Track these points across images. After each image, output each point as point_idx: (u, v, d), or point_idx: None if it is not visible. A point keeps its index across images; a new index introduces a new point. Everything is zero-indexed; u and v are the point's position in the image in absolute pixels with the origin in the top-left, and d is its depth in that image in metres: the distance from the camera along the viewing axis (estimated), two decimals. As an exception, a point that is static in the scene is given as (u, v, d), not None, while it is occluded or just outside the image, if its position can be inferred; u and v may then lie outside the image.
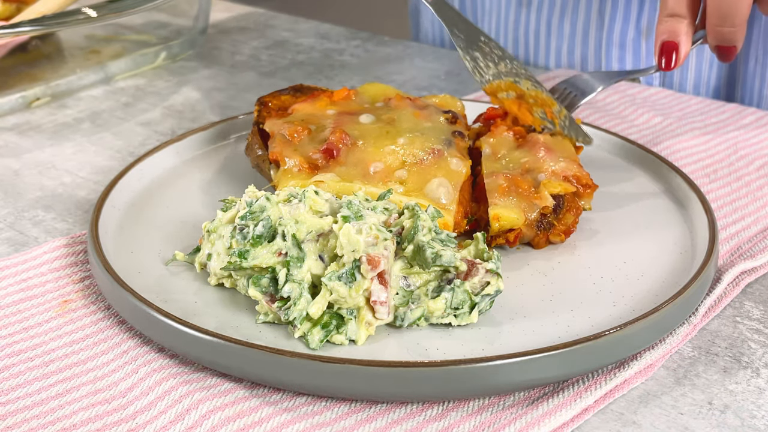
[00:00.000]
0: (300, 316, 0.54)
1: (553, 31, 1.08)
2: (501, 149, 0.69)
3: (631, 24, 1.01)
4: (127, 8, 0.91)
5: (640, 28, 1.01)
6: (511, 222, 0.63)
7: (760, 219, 0.70)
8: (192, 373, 0.54)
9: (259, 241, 0.56)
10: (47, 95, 0.96)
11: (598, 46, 1.05)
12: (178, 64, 1.08)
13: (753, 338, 0.58)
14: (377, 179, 0.64)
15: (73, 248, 0.66)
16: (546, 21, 1.08)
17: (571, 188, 0.65)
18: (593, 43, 1.05)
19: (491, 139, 0.69)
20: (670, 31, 0.72)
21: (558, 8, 1.06)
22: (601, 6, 1.03)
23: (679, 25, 0.72)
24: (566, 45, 1.07)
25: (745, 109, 0.91)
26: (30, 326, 0.58)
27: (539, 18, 1.08)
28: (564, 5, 1.06)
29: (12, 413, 0.50)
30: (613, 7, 1.02)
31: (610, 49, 1.04)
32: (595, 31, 1.05)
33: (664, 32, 0.72)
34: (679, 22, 0.72)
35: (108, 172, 0.80)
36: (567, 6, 1.05)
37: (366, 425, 0.50)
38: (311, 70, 1.07)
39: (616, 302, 0.59)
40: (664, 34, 0.72)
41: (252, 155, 0.71)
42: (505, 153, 0.68)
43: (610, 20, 1.03)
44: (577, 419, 0.51)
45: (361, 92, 0.74)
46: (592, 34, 1.05)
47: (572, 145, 0.70)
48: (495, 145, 0.69)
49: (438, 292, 0.56)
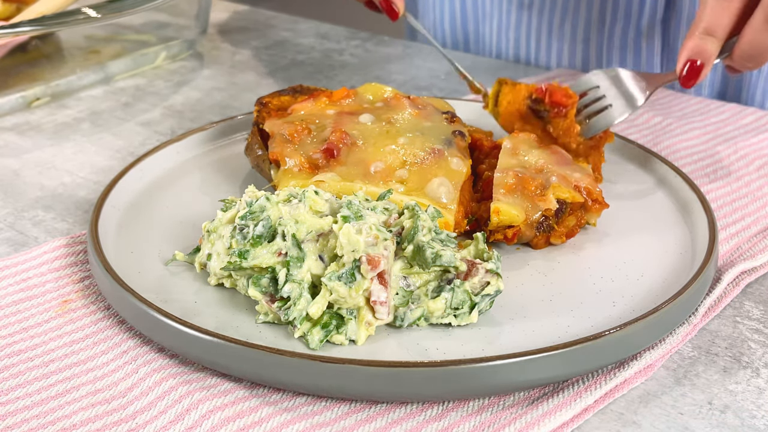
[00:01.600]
0: (300, 316, 0.54)
1: (554, 32, 1.08)
2: (522, 146, 0.69)
3: (632, 25, 1.01)
4: (127, 8, 0.91)
5: (640, 29, 1.01)
6: (511, 218, 0.63)
7: (760, 219, 0.70)
8: (192, 373, 0.54)
9: (259, 241, 0.56)
10: (47, 95, 0.96)
11: (599, 48, 1.05)
12: (178, 64, 1.08)
13: (753, 338, 0.58)
14: (377, 179, 0.64)
15: (73, 248, 0.66)
16: (547, 23, 1.08)
17: (579, 198, 0.65)
18: (594, 44, 1.06)
19: (517, 135, 0.70)
20: (700, 51, 0.69)
21: (559, 10, 1.06)
22: (601, 8, 1.03)
23: (711, 46, 0.69)
24: (567, 47, 1.08)
25: (744, 109, 0.91)
26: (30, 326, 0.58)
27: (540, 20, 1.08)
28: (565, 7, 1.06)
29: (12, 413, 0.50)
30: (614, 8, 1.02)
31: (612, 51, 1.04)
32: (596, 32, 1.05)
33: (693, 49, 0.69)
34: (711, 43, 0.69)
35: (108, 172, 0.80)
36: (568, 8, 1.05)
37: (366, 425, 0.50)
38: (311, 70, 1.07)
39: (616, 302, 0.59)
40: (692, 52, 0.69)
41: (252, 155, 0.71)
42: (525, 150, 0.68)
43: (611, 22, 1.03)
44: (577, 419, 0.51)
45: (361, 92, 0.74)
46: (593, 35, 1.05)
47: (599, 153, 0.70)
48: (517, 141, 0.69)
49: (438, 292, 0.56)
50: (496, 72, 1.05)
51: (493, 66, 1.08)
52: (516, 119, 0.73)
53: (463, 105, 0.84)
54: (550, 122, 0.69)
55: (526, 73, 1.05)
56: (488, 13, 1.13)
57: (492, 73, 1.04)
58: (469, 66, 1.06)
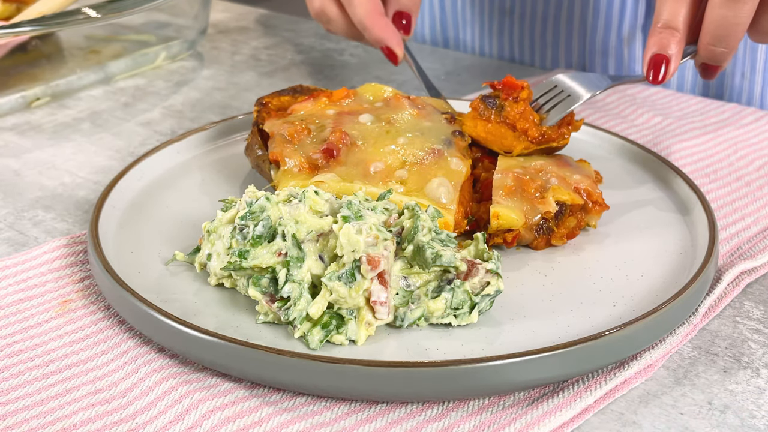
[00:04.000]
0: (300, 316, 0.54)
1: (537, 39, 1.08)
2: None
3: (612, 31, 1.02)
4: (127, 8, 0.91)
5: (621, 35, 1.02)
6: (510, 222, 0.62)
7: (760, 219, 0.70)
8: (192, 373, 0.54)
9: (259, 241, 0.56)
10: (47, 95, 0.96)
11: (581, 54, 1.06)
12: (178, 64, 1.08)
13: (753, 338, 0.58)
14: (377, 179, 0.64)
15: (73, 248, 0.66)
16: (529, 29, 1.08)
17: (579, 200, 0.65)
18: (576, 50, 1.06)
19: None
20: (661, 45, 0.68)
21: (540, 16, 1.07)
22: (583, 14, 1.03)
23: (672, 38, 0.68)
24: (550, 52, 1.08)
25: (744, 109, 0.91)
26: (30, 326, 0.58)
27: (522, 26, 1.09)
28: (546, 13, 1.06)
29: (12, 413, 0.50)
30: (595, 15, 1.02)
31: (593, 57, 1.05)
32: (578, 38, 1.05)
33: (655, 45, 0.69)
34: (672, 35, 0.68)
35: (108, 172, 0.80)
36: (549, 14, 1.06)
37: (366, 425, 0.50)
38: (311, 70, 1.07)
39: (616, 302, 0.59)
40: (654, 47, 0.69)
41: (252, 156, 0.71)
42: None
43: (592, 28, 1.03)
44: (577, 419, 0.51)
45: (361, 92, 0.74)
46: (575, 41, 1.06)
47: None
48: None
49: (438, 292, 0.56)
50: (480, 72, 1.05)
51: (476, 63, 1.08)
52: (477, 120, 0.70)
53: (463, 105, 0.84)
54: (504, 108, 0.68)
55: (511, 71, 1.05)
56: (469, 20, 1.14)
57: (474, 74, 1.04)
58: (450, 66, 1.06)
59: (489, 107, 0.68)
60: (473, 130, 0.70)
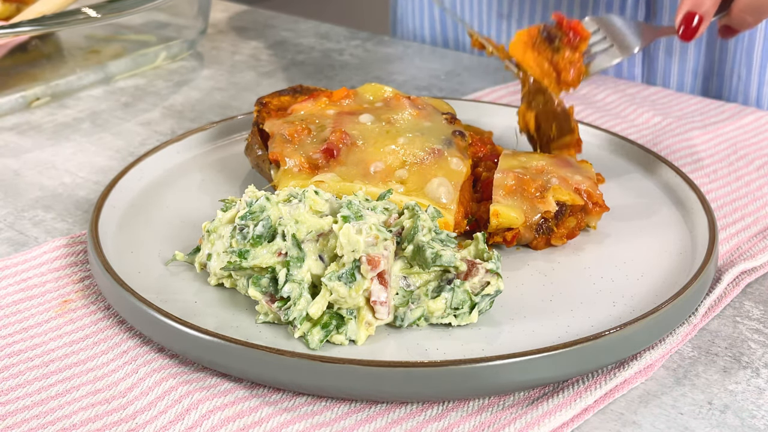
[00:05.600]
0: (300, 316, 0.54)
1: None
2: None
3: None
4: (127, 8, 0.91)
5: None
6: (510, 221, 0.62)
7: (760, 219, 0.70)
8: (192, 373, 0.54)
9: (259, 241, 0.56)
10: (47, 95, 0.96)
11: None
12: (178, 64, 1.08)
13: (753, 338, 0.58)
14: (377, 179, 0.64)
15: (73, 248, 0.66)
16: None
17: (579, 201, 0.65)
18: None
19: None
20: (699, 3, 0.70)
21: (538, 19, 1.07)
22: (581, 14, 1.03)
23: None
24: None
25: (744, 109, 0.91)
26: (30, 326, 0.58)
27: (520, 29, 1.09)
28: (544, 15, 1.06)
29: (12, 413, 0.50)
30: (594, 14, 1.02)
31: None
32: None
33: (690, 2, 0.71)
34: None
35: (108, 172, 0.80)
36: (547, 17, 1.06)
37: (366, 425, 0.50)
38: (311, 70, 1.07)
39: (616, 302, 0.59)
40: (692, 5, 0.70)
41: (252, 156, 0.71)
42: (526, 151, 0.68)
43: None
44: (577, 419, 0.51)
45: (361, 92, 0.74)
46: None
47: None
48: None
49: (438, 292, 0.56)
50: (480, 72, 1.05)
51: (476, 63, 1.08)
52: (527, 47, 0.72)
53: (463, 105, 0.84)
54: (559, 51, 0.69)
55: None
56: (467, 23, 1.14)
57: (475, 74, 1.04)
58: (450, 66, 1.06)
59: (546, 42, 0.68)
60: (522, 55, 0.70)
